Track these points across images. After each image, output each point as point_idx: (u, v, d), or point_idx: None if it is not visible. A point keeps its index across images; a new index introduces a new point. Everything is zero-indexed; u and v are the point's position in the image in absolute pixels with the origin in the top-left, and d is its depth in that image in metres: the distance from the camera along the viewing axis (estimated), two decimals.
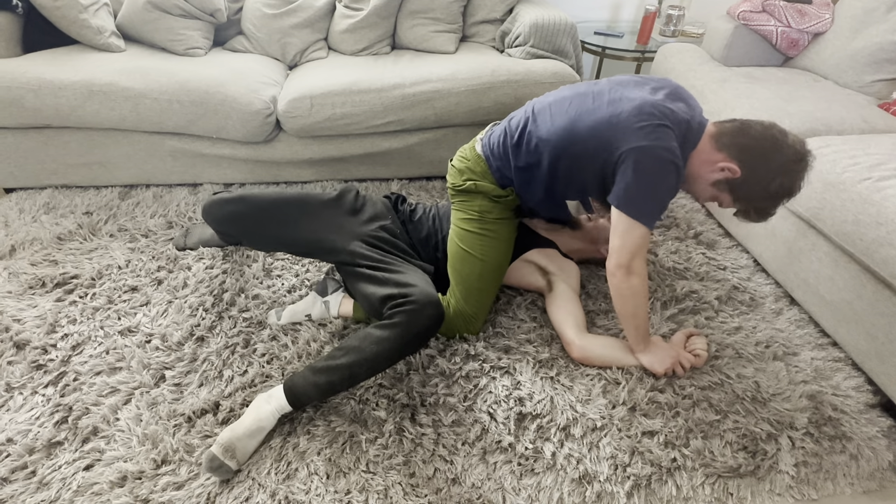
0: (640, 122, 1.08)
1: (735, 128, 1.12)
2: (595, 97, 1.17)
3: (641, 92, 1.14)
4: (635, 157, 1.08)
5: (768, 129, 1.10)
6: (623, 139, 1.10)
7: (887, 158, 1.34)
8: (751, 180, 1.10)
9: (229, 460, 1.03)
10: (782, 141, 1.08)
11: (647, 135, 1.07)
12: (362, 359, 1.08)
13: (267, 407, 1.09)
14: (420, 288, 1.13)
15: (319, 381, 1.09)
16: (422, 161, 2.03)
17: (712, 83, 1.87)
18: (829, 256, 1.38)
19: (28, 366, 1.24)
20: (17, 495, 1.00)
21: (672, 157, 1.07)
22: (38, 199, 1.84)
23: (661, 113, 1.09)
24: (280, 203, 1.26)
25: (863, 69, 1.83)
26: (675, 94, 1.17)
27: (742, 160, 1.10)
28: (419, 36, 2.12)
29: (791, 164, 1.08)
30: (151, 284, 1.50)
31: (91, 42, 1.87)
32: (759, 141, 1.09)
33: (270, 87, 1.86)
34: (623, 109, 1.11)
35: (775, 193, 1.10)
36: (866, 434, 1.17)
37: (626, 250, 1.15)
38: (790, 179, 1.09)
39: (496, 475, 1.07)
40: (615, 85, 1.19)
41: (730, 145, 1.11)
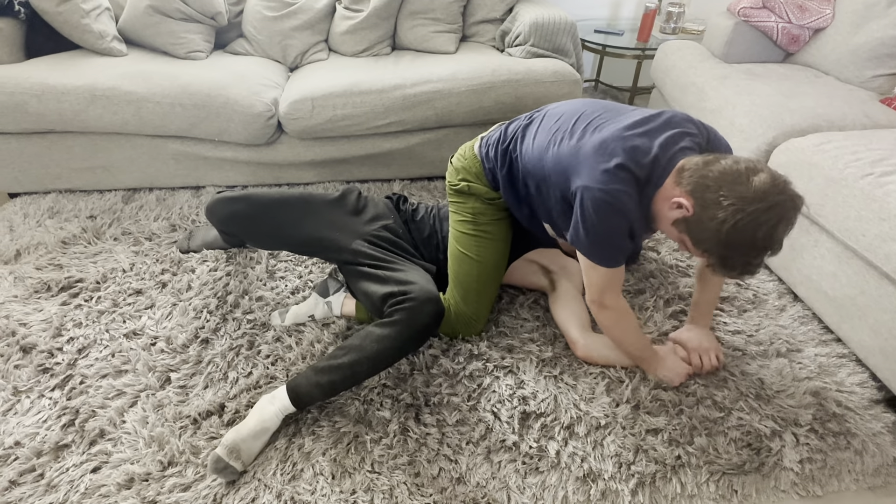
0: (595, 159, 1.02)
1: (701, 161, 0.97)
2: (579, 122, 1.12)
3: (617, 124, 1.06)
4: (581, 195, 1.03)
5: (736, 164, 0.93)
6: (576, 174, 1.05)
7: (889, 154, 1.34)
8: (703, 218, 0.94)
9: (234, 461, 1.03)
10: (746, 177, 0.90)
11: (597, 174, 1.00)
12: (363, 357, 1.08)
13: (271, 408, 1.10)
14: (420, 285, 1.14)
15: (322, 380, 1.09)
16: (423, 161, 2.03)
17: (713, 80, 1.87)
18: (831, 253, 1.38)
19: (35, 369, 1.25)
20: (25, 498, 1.01)
21: (613, 201, 0.99)
22: (43, 204, 1.86)
23: (622, 149, 1.00)
24: (283, 202, 1.27)
25: (864, 64, 1.82)
26: (663, 125, 1.06)
27: (695, 195, 0.95)
28: (419, 36, 2.13)
29: (749, 201, 0.89)
30: (156, 287, 1.51)
31: (93, 47, 1.88)
32: (717, 176, 0.93)
33: (272, 90, 1.87)
34: (587, 142, 1.05)
35: (731, 240, 0.91)
36: (871, 430, 1.17)
37: (593, 288, 1.12)
38: (749, 224, 0.89)
39: (501, 474, 1.07)
40: (608, 112, 1.13)
41: (688, 179, 0.97)
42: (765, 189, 0.89)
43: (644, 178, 1.01)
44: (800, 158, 1.44)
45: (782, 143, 1.53)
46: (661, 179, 1.02)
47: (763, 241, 0.90)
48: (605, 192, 1.00)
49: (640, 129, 1.04)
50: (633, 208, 1.01)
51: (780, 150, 1.51)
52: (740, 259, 0.94)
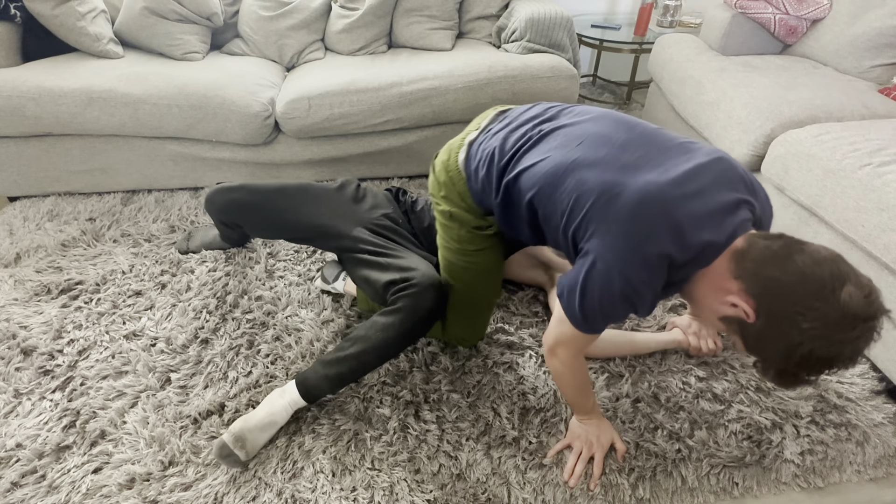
0: (629, 227, 0.80)
1: (768, 250, 0.76)
2: (611, 152, 0.89)
3: (660, 171, 0.84)
4: (593, 262, 0.84)
5: (818, 266, 0.72)
6: (600, 232, 0.84)
7: (888, 143, 1.33)
8: (769, 334, 0.75)
9: (238, 450, 1.03)
10: (831, 290, 0.70)
11: (624, 251, 0.81)
12: (370, 347, 1.09)
13: (281, 401, 1.10)
14: (421, 271, 1.13)
15: (330, 373, 1.10)
16: (421, 159, 2.03)
17: (710, 73, 1.86)
18: (831, 244, 1.37)
19: (35, 371, 1.26)
20: (27, 499, 1.01)
21: (630, 292, 0.82)
22: (42, 207, 1.86)
23: (667, 227, 0.79)
24: (282, 190, 1.28)
25: (862, 55, 1.81)
26: (716, 182, 0.83)
27: (760, 302, 0.76)
28: (415, 34, 2.12)
29: (835, 327, 0.70)
30: (155, 288, 1.51)
31: (89, 49, 1.88)
32: (793, 281, 0.72)
33: (268, 89, 1.87)
34: (624, 194, 0.82)
35: (803, 361, 0.73)
36: (872, 421, 1.17)
37: (552, 334, 0.98)
38: (830, 348, 0.71)
39: (501, 470, 1.07)
40: (645, 146, 0.89)
41: (752, 274, 0.77)
42: (856, 311, 0.70)
43: (686, 261, 0.82)
44: (798, 150, 1.43)
45: (780, 135, 1.52)
46: (711, 259, 0.82)
47: (839, 364, 0.73)
48: (626, 280, 0.81)
49: (689, 186, 0.82)
50: (650, 298, 0.84)
51: (778, 141, 1.51)
52: (801, 378, 0.76)
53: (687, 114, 1.94)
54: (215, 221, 1.42)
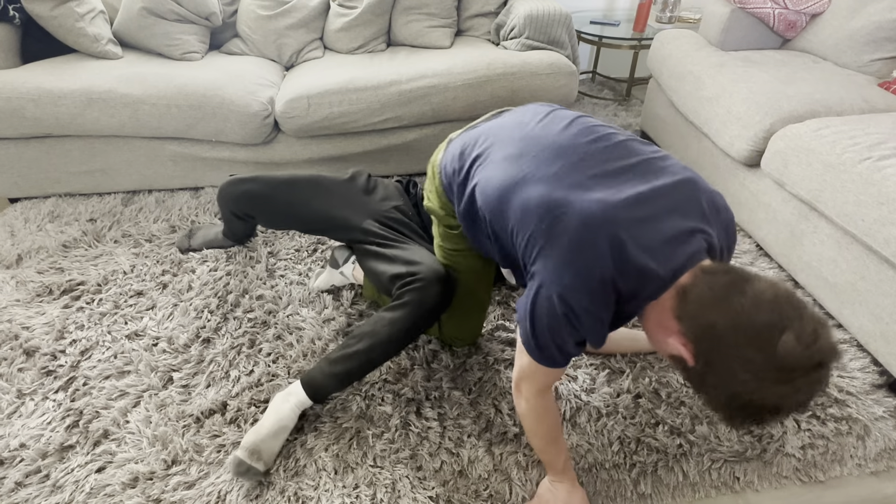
0: (570, 253, 0.76)
1: (709, 290, 0.71)
2: (557, 162, 0.85)
3: (610, 190, 0.79)
4: (539, 283, 0.80)
5: (756, 311, 0.66)
6: (542, 256, 0.79)
7: (887, 137, 1.33)
8: (709, 380, 0.70)
9: (256, 462, 1.03)
10: (767, 338, 0.64)
11: (566, 278, 0.76)
12: (377, 342, 1.09)
13: (286, 405, 1.09)
14: (427, 265, 1.13)
15: (337, 370, 1.09)
16: (421, 157, 2.03)
17: (709, 68, 1.86)
18: (831, 238, 1.37)
19: (38, 372, 1.26)
20: (31, 499, 1.02)
21: (575, 322, 0.78)
22: (43, 208, 1.86)
23: (611, 255, 0.74)
24: (294, 181, 1.29)
25: (862, 49, 1.81)
26: (671, 208, 0.79)
27: (698, 347, 0.70)
28: (414, 32, 2.12)
29: (771, 379, 0.65)
30: (156, 288, 1.51)
31: (88, 50, 1.89)
32: (728, 327, 0.67)
33: (267, 89, 1.87)
34: (568, 210, 0.77)
35: (744, 410, 0.68)
36: (873, 415, 1.17)
37: (516, 367, 0.93)
38: (769, 399, 0.66)
39: (503, 466, 1.08)
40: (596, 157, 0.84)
41: (690, 317, 0.71)
42: (793, 364, 0.63)
43: (632, 291, 0.77)
44: (797, 145, 1.43)
45: (780, 130, 1.52)
46: (659, 293, 0.77)
47: (784, 414, 0.68)
48: (568, 307, 0.77)
49: (640, 210, 0.77)
50: (597, 328, 0.79)
51: (778, 136, 1.51)
52: (748, 424, 0.70)
53: (686, 109, 1.94)
54: (226, 214, 1.42)
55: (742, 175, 1.71)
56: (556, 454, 0.98)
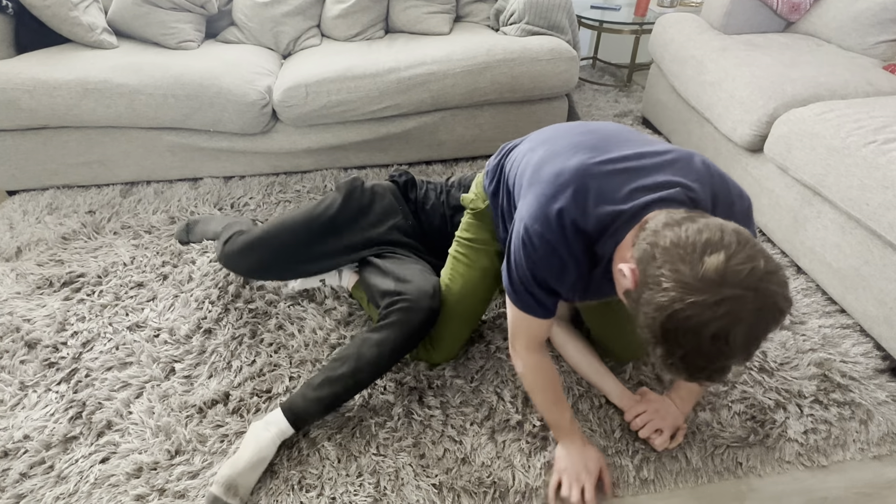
0: (542, 189, 0.85)
1: (664, 219, 0.72)
2: (573, 140, 0.92)
3: (598, 153, 0.86)
4: (515, 226, 0.89)
5: (698, 234, 0.67)
6: (523, 198, 0.90)
7: (892, 121, 1.31)
8: (641, 299, 0.70)
9: (232, 499, 0.97)
10: (699, 254, 0.65)
11: (534, 210, 0.84)
12: (364, 364, 1.08)
13: (266, 434, 1.03)
14: (415, 284, 1.14)
15: (322, 394, 1.06)
16: (420, 145, 2.02)
17: (712, 52, 1.84)
18: (835, 223, 1.36)
19: (40, 364, 1.26)
20: (36, 489, 1.02)
21: (541, 257, 0.84)
22: (41, 200, 1.85)
23: (573, 190, 0.82)
24: (295, 234, 1.25)
25: (866, 31, 1.78)
26: (656, 167, 0.83)
27: (640, 265, 0.71)
28: (412, 18, 2.09)
29: (689, 292, 0.64)
30: (157, 280, 1.51)
31: (83, 40, 1.86)
32: (669, 244, 0.68)
33: (265, 77, 1.85)
34: (552, 164, 0.88)
35: (668, 335, 0.67)
36: (876, 399, 1.17)
37: (509, 328, 1.01)
38: (690, 319, 0.64)
39: (505, 453, 1.08)
40: (611, 139, 0.91)
41: (640, 242, 0.73)
42: (713, 276, 0.63)
43: (596, 231, 0.82)
44: (801, 129, 1.41)
45: (783, 114, 1.51)
46: (622, 233, 0.80)
47: (712, 344, 0.65)
48: (533, 239, 0.84)
49: (619, 164, 0.84)
50: (562, 267, 0.84)
51: (782, 120, 1.49)
52: (686, 360, 0.68)
53: (688, 94, 1.92)
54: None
55: (745, 160, 1.70)
56: (559, 413, 1.03)
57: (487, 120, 2.00)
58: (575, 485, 0.99)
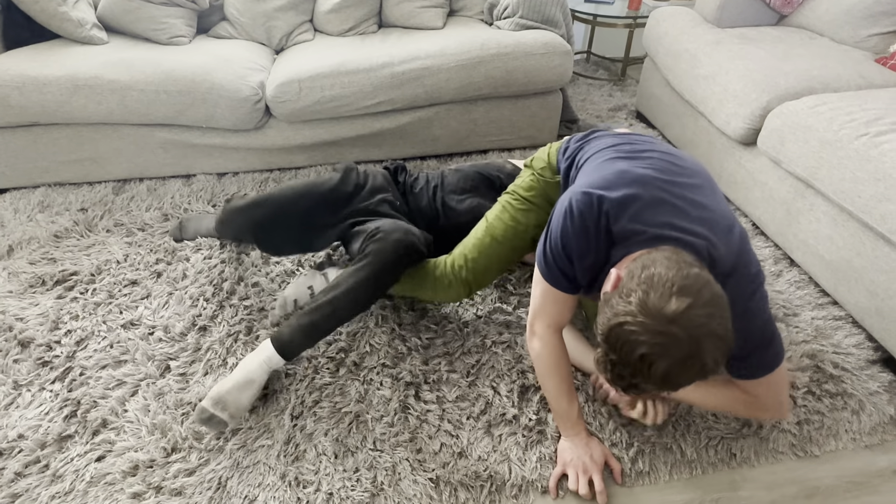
0: (599, 176, 0.94)
1: (668, 255, 0.79)
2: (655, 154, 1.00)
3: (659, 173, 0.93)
4: (566, 196, 0.95)
5: (684, 279, 0.74)
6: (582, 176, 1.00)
7: (884, 113, 1.32)
8: (610, 301, 0.78)
9: (220, 412, 1.04)
10: (671, 292, 0.73)
11: (583, 184, 0.95)
12: (341, 293, 1.13)
13: (255, 359, 1.12)
14: (389, 223, 1.20)
15: (303, 322, 1.12)
16: (415, 140, 2.01)
17: (705, 46, 1.84)
18: (827, 216, 1.37)
19: (34, 363, 1.25)
20: (32, 488, 1.02)
21: (567, 217, 0.91)
22: (33, 198, 1.84)
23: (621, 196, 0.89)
24: (293, 202, 1.29)
25: (859, 24, 1.79)
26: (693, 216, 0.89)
27: (626, 276, 0.79)
28: (406, 12, 2.08)
29: (645, 315, 0.73)
30: (151, 277, 1.50)
31: (72, 35, 1.84)
32: (653, 273, 0.75)
33: (258, 73, 1.84)
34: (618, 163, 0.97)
35: (609, 340, 0.76)
36: (868, 390, 1.18)
37: (531, 308, 1.05)
38: (630, 335, 0.73)
39: (502, 447, 1.08)
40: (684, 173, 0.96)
41: (640, 260, 0.81)
42: (668, 314, 0.71)
43: (618, 236, 0.89)
44: (794, 122, 1.42)
45: (776, 108, 1.51)
46: (635, 249, 0.87)
47: (638, 362, 0.73)
48: (574, 212, 0.91)
49: (673, 196, 0.91)
50: (587, 247, 0.91)
51: (775, 114, 1.50)
52: (614, 366, 0.77)
53: (682, 88, 1.92)
54: (226, 236, 1.46)
55: (738, 154, 1.71)
56: (569, 403, 1.04)
57: (482, 115, 2.00)
58: (582, 476, 1.01)
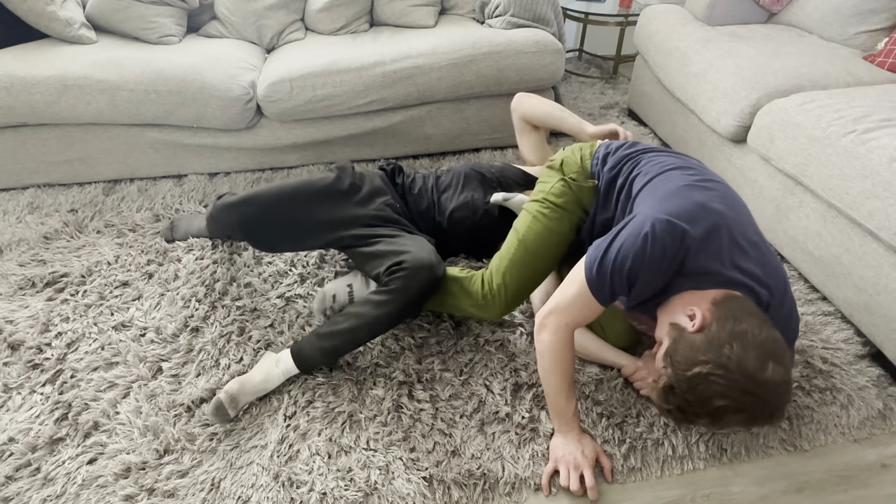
0: (682, 205, 0.92)
1: (752, 310, 0.85)
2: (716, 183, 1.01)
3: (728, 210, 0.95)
4: (638, 213, 0.94)
5: (774, 343, 0.80)
6: (660, 201, 0.95)
7: (871, 110, 1.33)
8: (696, 344, 0.82)
9: (231, 409, 1.11)
10: (769, 357, 0.79)
11: (665, 212, 0.91)
12: (364, 323, 1.15)
13: (276, 370, 1.16)
14: (413, 254, 1.16)
15: (325, 345, 1.16)
16: (407, 139, 2.01)
17: (696, 44, 1.85)
18: (816, 212, 1.38)
19: (24, 366, 1.24)
20: (23, 492, 1.01)
21: (647, 239, 0.89)
22: (22, 200, 1.82)
23: (703, 231, 0.90)
24: (283, 195, 1.27)
25: (847, 21, 1.80)
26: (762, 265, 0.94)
27: (715, 322, 0.83)
28: (397, 11, 2.08)
29: (740, 375, 0.78)
30: (142, 278, 1.49)
31: (61, 35, 1.83)
32: (749, 332, 0.80)
33: (249, 72, 1.83)
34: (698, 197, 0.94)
35: (690, 384, 0.81)
36: (856, 384, 1.20)
37: (551, 301, 1.01)
38: (716, 388, 0.78)
39: (495, 445, 1.09)
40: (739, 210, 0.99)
41: (727, 305, 0.85)
42: (763, 381, 0.77)
43: (692, 269, 0.91)
44: (783, 119, 1.43)
45: (766, 105, 1.52)
46: (705, 286, 0.90)
47: (713, 410, 0.79)
48: (656, 236, 0.89)
49: (742, 238, 0.93)
50: (656, 275, 0.91)
51: (764, 111, 1.51)
52: (683, 402, 0.82)
53: (673, 86, 1.93)
54: (216, 234, 1.45)
55: (729, 151, 1.72)
56: (567, 400, 1.04)
57: (474, 113, 2.00)
58: (573, 472, 1.02)
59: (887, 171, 1.17)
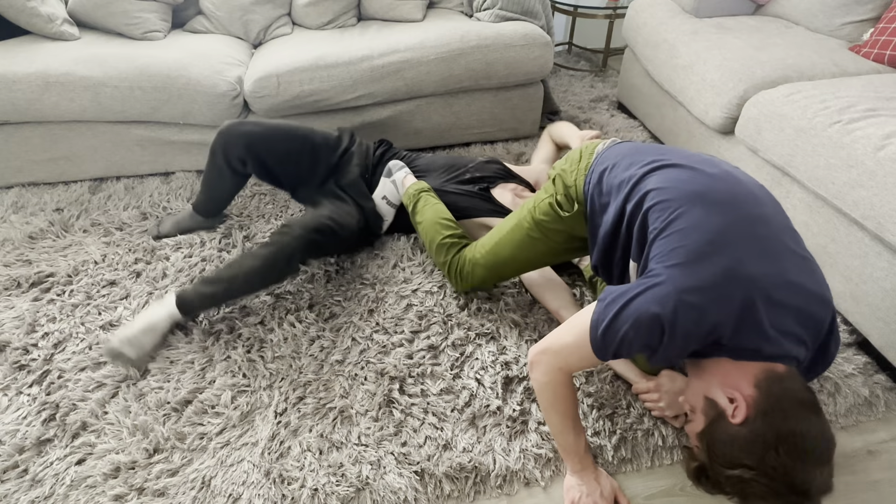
0: (711, 280, 0.79)
1: (802, 392, 0.78)
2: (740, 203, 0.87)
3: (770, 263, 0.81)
4: (664, 279, 0.81)
5: (821, 436, 0.75)
6: (685, 266, 0.81)
7: (857, 100, 1.34)
8: (736, 440, 0.77)
9: (126, 348, 1.18)
10: (813, 464, 0.74)
11: (699, 287, 0.79)
12: (240, 272, 1.24)
13: (161, 310, 1.24)
14: (306, 218, 1.31)
15: (205, 291, 1.25)
16: (396, 134, 2.00)
17: (683, 35, 1.85)
18: (803, 203, 1.39)
19: (10, 367, 1.23)
20: (10, 494, 1.00)
21: (668, 327, 0.79)
22: (6, 199, 1.80)
23: (736, 307, 0.78)
24: (290, 132, 1.48)
25: (833, 12, 1.81)
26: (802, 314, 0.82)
27: (756, 417, 0.76)
28: (385, 5, 2.06)
29: (783, 486, 0.73)
30: (130, 277, 1.48)
31: (43, 31, 1.80)
32: (794, 430, 0.75)
33: (235, 68, 1.81)
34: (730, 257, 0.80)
35: (731, 481, 0.77)
36: (843, 372, 1.21)
37: (547, 339, 0.95)
38: (757, 491, 0.75)
39: (486, 438, 1.09)
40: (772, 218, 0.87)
41: (773, 397, 0.77)
42: (812, 490, 0.73)
43: (729, 345, 0.81)
44: (770, 110, 1.44)
45: (753, 97, 1.53)
46: (745, 359, 0.82)
47: (738, 492, 0.77)
48: (676, 323, 0.78)
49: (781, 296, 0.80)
50: (669, 351, 0.82)
51: (751, 103, 1.51)
52: (712, 475, 0.79)
53: (661, 78, 1.94)
54: (218, 163, 1.48)
55: (717, 143, 1.72)
56: (575, 437, 0.98)
57: (463, 107, 1.99)
58: None
59: (872, 160, 1.17)
